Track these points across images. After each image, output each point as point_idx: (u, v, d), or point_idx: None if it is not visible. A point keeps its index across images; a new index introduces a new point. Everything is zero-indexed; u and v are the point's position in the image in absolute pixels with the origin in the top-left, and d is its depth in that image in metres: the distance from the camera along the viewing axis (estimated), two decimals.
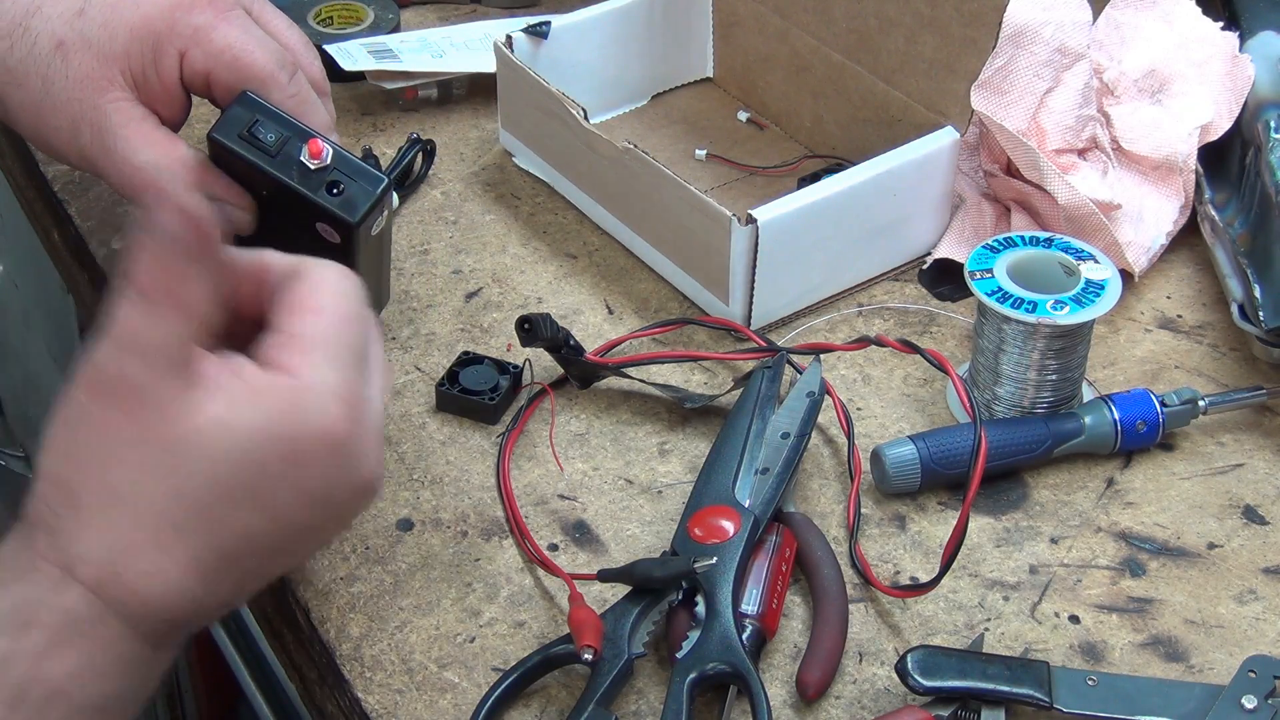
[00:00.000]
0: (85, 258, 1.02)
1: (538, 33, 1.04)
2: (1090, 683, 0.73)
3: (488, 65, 1.08)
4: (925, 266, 0.99)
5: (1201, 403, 0.87)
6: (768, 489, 0.80)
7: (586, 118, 0.99)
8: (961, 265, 0.87)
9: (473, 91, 1.14)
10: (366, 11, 1.18)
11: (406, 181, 1.05)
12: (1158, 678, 0.75)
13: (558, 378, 0.91)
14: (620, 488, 0.85)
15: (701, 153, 1.07)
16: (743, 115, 1.12)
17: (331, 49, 1.10)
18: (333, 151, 0.82)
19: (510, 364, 0.90)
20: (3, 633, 0.60)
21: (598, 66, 1.08)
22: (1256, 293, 0.90)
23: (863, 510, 0.84)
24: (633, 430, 0.89)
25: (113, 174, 0.83)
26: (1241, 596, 0.80)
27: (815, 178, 0.96)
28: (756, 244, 0.90)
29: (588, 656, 0.72)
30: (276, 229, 0.85)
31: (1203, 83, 1.01)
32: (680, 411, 0.90)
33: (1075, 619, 0.78)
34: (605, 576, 0.77)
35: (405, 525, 0.83)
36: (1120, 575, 0.81)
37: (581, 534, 0.83)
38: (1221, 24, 1.04)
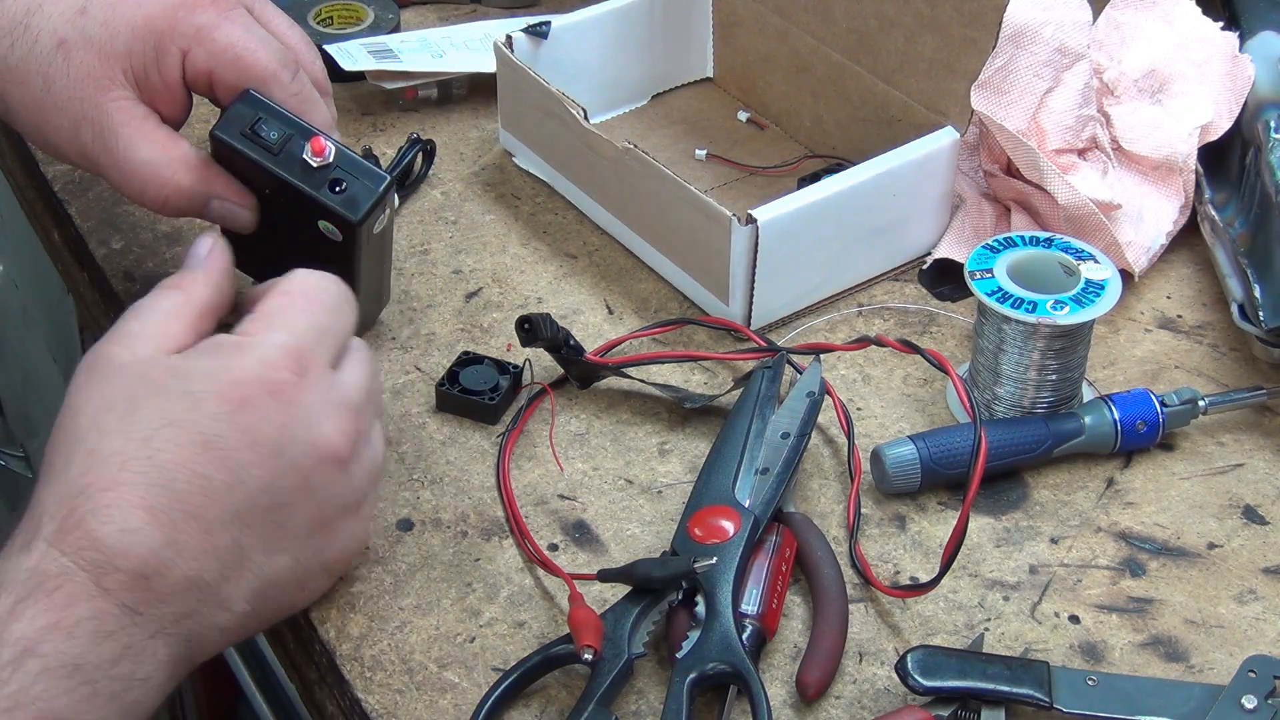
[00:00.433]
0: (85, 258, 1.02)
1: (538, 33, 1.04)
2: (1090, 683, 0.73)
3: (488, 65, 1.08)
4: (925, 266, 0.99)
5: (1201, 403, 0.87)
6: (768, 489, 0.80)
7: (586, 118, 0.99)
8: (961, 265, 0.87)
9: (473, 91, 1.14)
10: (366, 11, 1.18)
11: (406, 181, 1.05)
12: (1158, 678, 0.75)
13: (558, 378, 0.91)
14: (620, 488, 0.85)
15: (701, 153, 1.07)
16: (743, 115, 1.12)
17: (331, 49, 1.10)
18: (335, 150, 0.82)
19: (510, 364, 0.90)
20: None
21: (598, 66, 1.08)
22: (1256, 293, 0.90)
23: (863, 510, 0.84)
24: (633, 430, 0.89)
25: (114, 173, 0.83)
26: (1241, 596, 0.80)
27: (815, 178, 0.96)
28: (756, 244, 0.90)
29: (588, 656, 0.72)
30: (278, 227, 0.85)
31: (1203, 83, 1.01)
32: (680, 411, 0.90)
33: (1075, 619, 0.78)
34: (605, 576, 0.77)
35: (405, 525, 0.83)
36: (1120, 575, 0.81)
37: (581, 534, 0.83)
38: (1221, 24, 1.04)
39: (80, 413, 0.68)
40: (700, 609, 0.75)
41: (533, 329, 0.87)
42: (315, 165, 0.81)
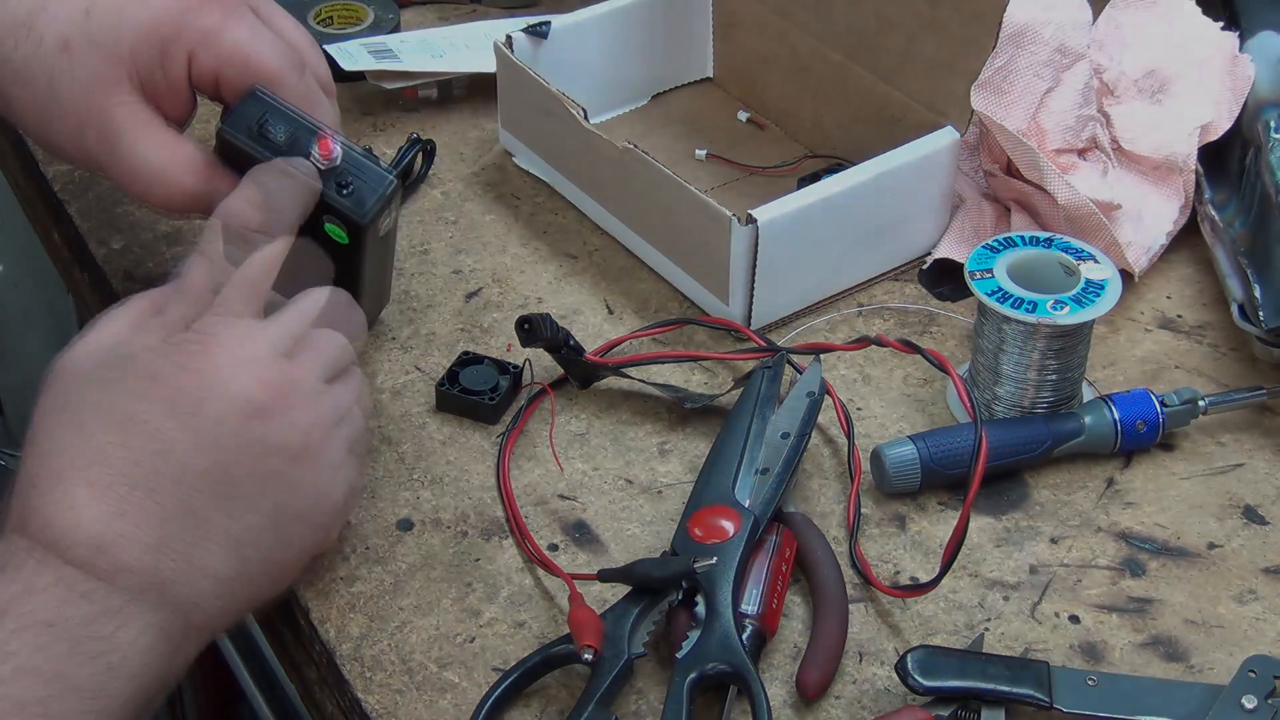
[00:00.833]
0: (85, 258, 1.02)
1: (538, 33, 1.04)
2: (1090, 683, 0.73)
3: (488, 65, 1.08)
4: (925, 266, 0.99)
5: (1201, 403, 0.87)
6: (768, 489, 0.80)
7: (586, 118, 0.99)
8: (961, 265, 0.87)
9: (473, 91, 1.14)
10: (366, 11, 1.18)
11: (406, 181, 1.05)
12: (1158, 678, 0.75)
13: (558, 378, 0.91)
14: (620, 488, 0.85)
15: (701, 153, 1.07)
16: (743, 115, 1.12)
17: (331, 49, 1.09)
18: (342, 150, 0.82)
19: (510, 364, 0.90)
20: None
21: (598, 66, 1.08)
22: (1256, 293, 0.90)
23: (863, 510, 0.84)
24: (633, 430, 0.89)
25: (118, 175, 0.83)
26: (1241, 596, 0.80)
27: (815, 178, 0.96)
28: (756, 244, 0.90)
29: (588, 656, 0.72)
30: None
31: (1203, 83, 1.01)
32: (680, 411, 0.90)
33: (1075, 619, 0.78)
34: (605, 576, 0.77)
35: (405, 525, 0.83)
36: (1120, 575, 0.81)
37: (581, 534, 0.83)
38: (1221, 24, 1.04)
39: (35, 423, 0.71)
40: (700, 609, 0.75)
41: (533, 329, 0.87)
42: (322, 166, 0.81)
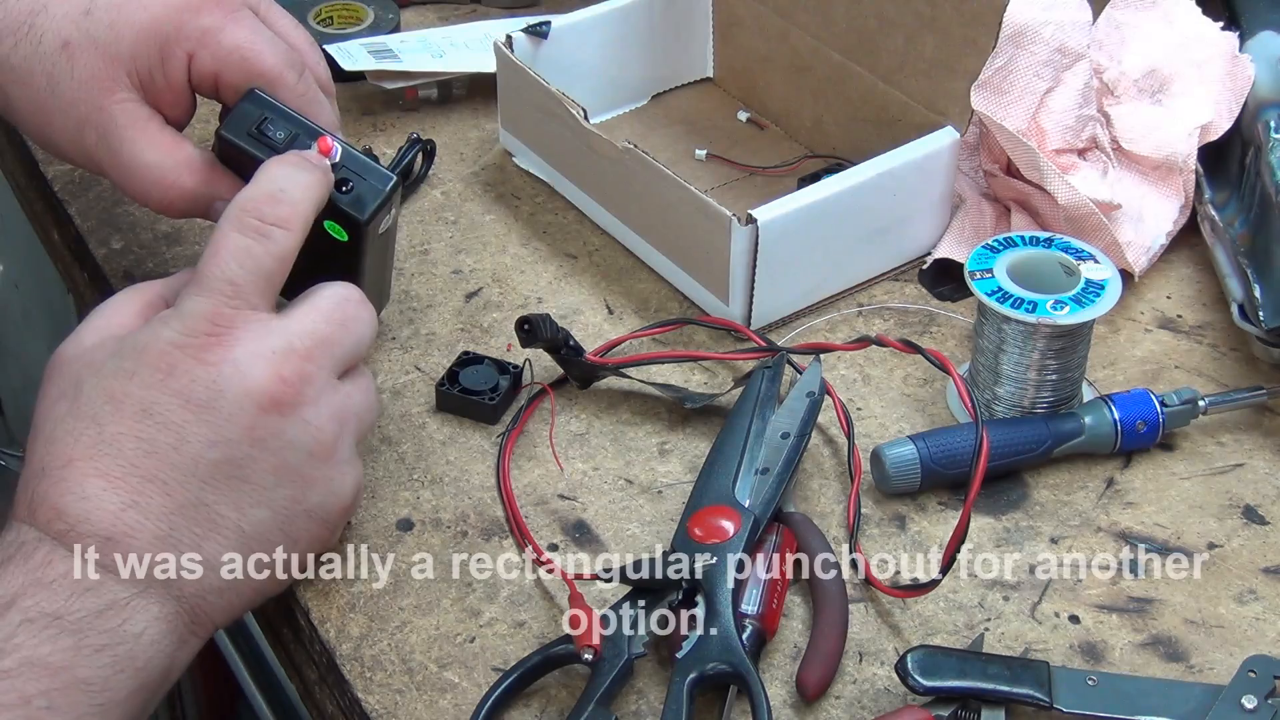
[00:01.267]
0: (85, 258, 1.02)
1: (538, 33, 1.04)
2: (1090, 683, 0.73)
3: (488, 65, 1.08)
4: (925, 266, 0.99)
5: (1201, 403, 0.87)
6: (768, 489, 0.80)
7: (586, 118, 0.99)
8: (961, 265, 0.87)
9: (473, 91, 1.14)
10: (366, 11, 1.18)
11: (407, 181, 1.05)
12: (1158, 678, 0.75)
13: (558, 378, 0.91)
14: (620, 488, 0.85)
15: (701, 153, 1.07)
16: (743, 115, 1.12)
17: (331, 49, 1.09)
18: (341, 149, 0.82)
19: (510, 364, 0.90)
20: None
21: (598, 66, 1.08)
22: (1256, 293, 0.90)
23: (863, 510, 0.84)
24: (633, 430, 0.89)
25: (118, 175, 0.83)
26: (1241, 596, 0.80)
27: (815, 178, 0.96)
28: (756, 244, 0.90)
29: (588, 656, 0.72)
30: None
31: (1203, 83, 1.01)
32: (680, 411, 0.90)
33: (1075, 619, 0.78)
34: (605, 577, 0.77)
35: (405, 525, 0.83)
36: (1120, 575, 0.81)
37: (581, 534, 0.83)
38: (1221, 24, 1.04)
39: (40, 411, 0.71)
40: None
41: (533, 329, 0.87)
42: None
